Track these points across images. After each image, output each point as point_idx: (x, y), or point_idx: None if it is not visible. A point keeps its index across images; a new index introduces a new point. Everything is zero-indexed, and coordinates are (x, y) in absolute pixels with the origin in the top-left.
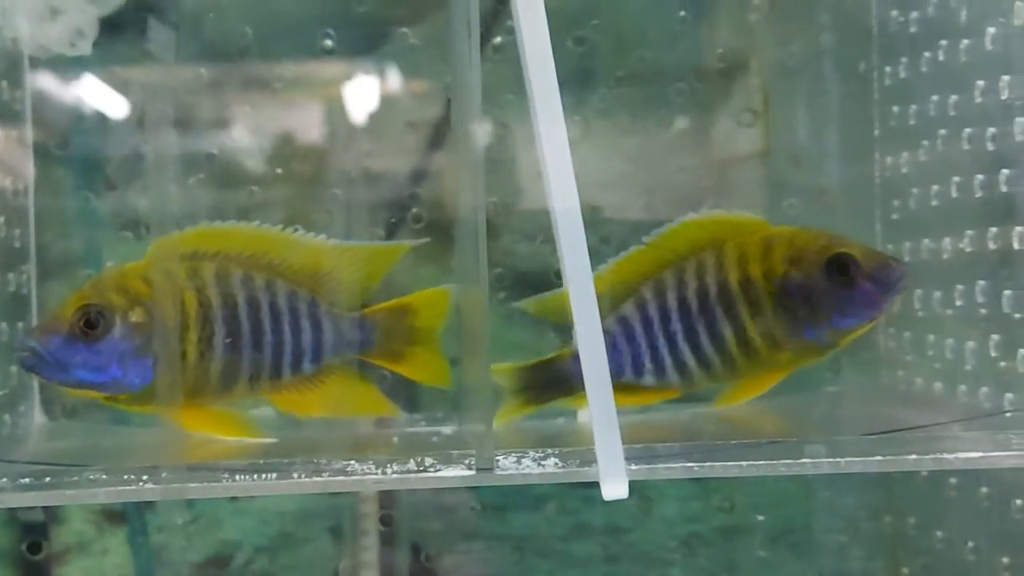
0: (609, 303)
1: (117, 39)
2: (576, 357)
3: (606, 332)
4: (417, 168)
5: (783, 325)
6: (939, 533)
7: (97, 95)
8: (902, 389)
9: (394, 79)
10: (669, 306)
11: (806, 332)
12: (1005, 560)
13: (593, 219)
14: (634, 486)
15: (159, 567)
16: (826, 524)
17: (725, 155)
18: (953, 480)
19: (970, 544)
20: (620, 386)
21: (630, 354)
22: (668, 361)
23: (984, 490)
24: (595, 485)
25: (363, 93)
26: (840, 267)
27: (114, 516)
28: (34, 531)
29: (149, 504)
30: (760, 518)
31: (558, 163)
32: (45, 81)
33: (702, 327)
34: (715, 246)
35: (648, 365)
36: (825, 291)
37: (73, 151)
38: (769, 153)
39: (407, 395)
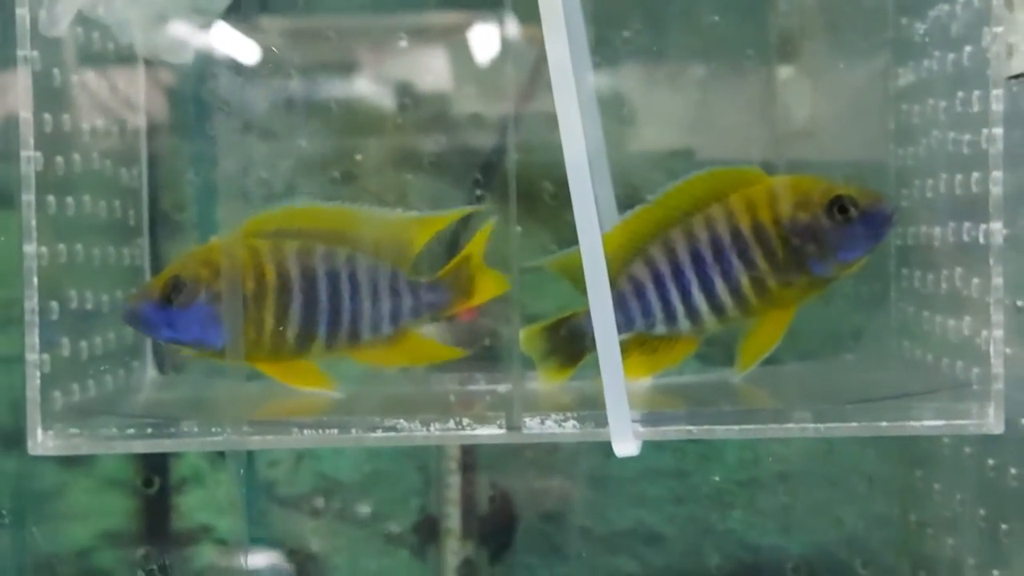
0: (621, 261)
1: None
2: (588, 315)
3: (619, 291)
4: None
5: (792, 263)
6: (936, 486)
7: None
8: (906, 358)
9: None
10: (681, 259)
11: (814, 268)
12: (982, 511)
13: (686, 162)
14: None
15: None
16: (852, 473)
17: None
18: (946, 440)
19: (958, 496)
20: (637, 341)
21: (640, 308)
22: (680, 310)
23: (968, 450)
24: None
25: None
26: (841, 207)
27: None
28: (152, 465)
29: None
30: (804, 468)
31: (568, 120)
32: (158, 72)
33: (717, 274)
34: (719, 199)
35: (660, 315)
36: (829, 229)
37: (185, 133)
38: (815, 134)
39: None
